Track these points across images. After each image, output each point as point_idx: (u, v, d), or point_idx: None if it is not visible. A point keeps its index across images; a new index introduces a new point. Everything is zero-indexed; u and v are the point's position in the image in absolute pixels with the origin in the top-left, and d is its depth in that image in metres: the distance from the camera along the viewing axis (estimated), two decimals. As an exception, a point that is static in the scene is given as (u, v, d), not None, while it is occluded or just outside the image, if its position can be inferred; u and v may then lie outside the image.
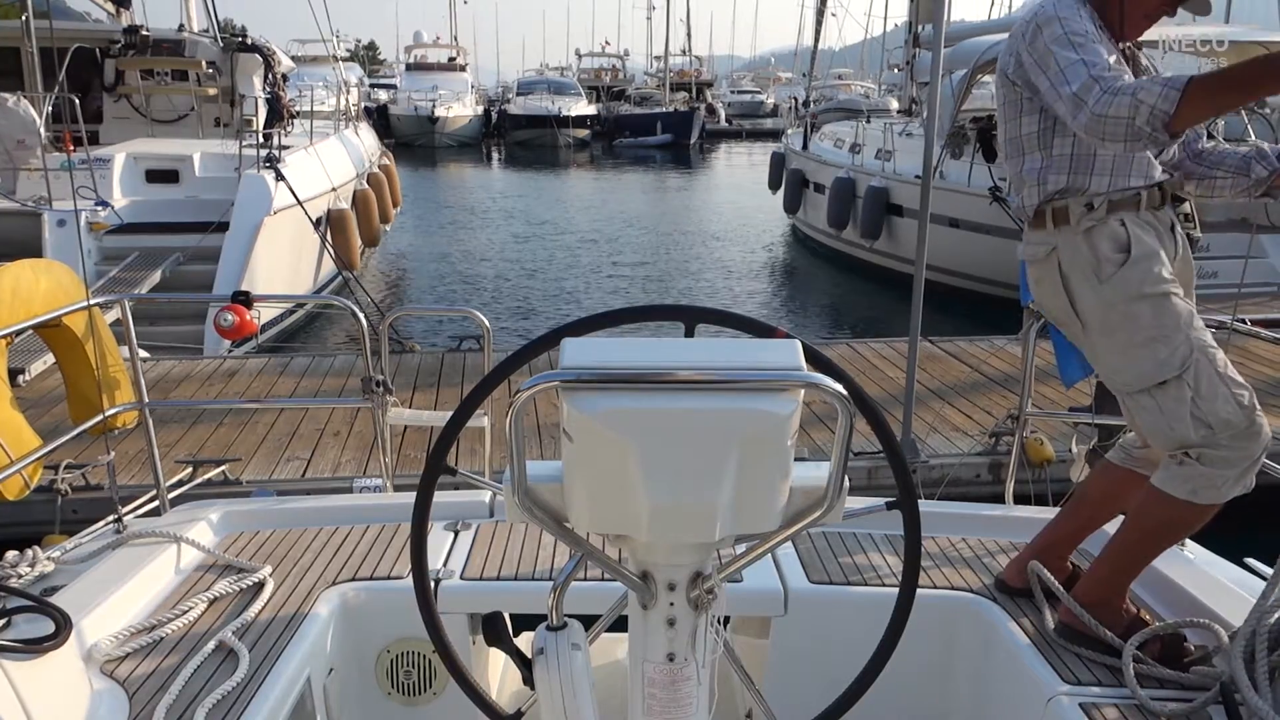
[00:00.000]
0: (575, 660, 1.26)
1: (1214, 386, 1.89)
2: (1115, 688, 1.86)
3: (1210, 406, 1.88)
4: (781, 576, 2.32)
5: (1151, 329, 1.92)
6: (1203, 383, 1.89)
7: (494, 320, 11.27)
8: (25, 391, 6.22)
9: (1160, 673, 1.90)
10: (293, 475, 5.10)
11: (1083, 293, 1.99)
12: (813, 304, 13.23)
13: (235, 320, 6.03)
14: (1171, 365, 1.91)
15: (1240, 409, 1.89)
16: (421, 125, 37.42)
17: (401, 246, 16.42)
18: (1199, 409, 1.89)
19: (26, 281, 3.99)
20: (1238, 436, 1.90)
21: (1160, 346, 1.91)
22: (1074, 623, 2.05)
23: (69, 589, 2.16)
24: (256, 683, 1.93)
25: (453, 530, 2.55)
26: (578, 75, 55.84)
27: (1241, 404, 1.89)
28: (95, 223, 8.75)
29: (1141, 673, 1.88)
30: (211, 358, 7.34)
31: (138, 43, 12.24)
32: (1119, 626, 2.02)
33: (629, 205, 23.09)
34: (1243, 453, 1.91)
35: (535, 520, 1.22)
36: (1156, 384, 1.92)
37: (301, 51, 27.76)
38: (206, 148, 10.42)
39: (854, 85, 37.13)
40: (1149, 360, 1.92)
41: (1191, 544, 2.47)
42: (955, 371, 6.82)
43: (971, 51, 11.02)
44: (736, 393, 1.10)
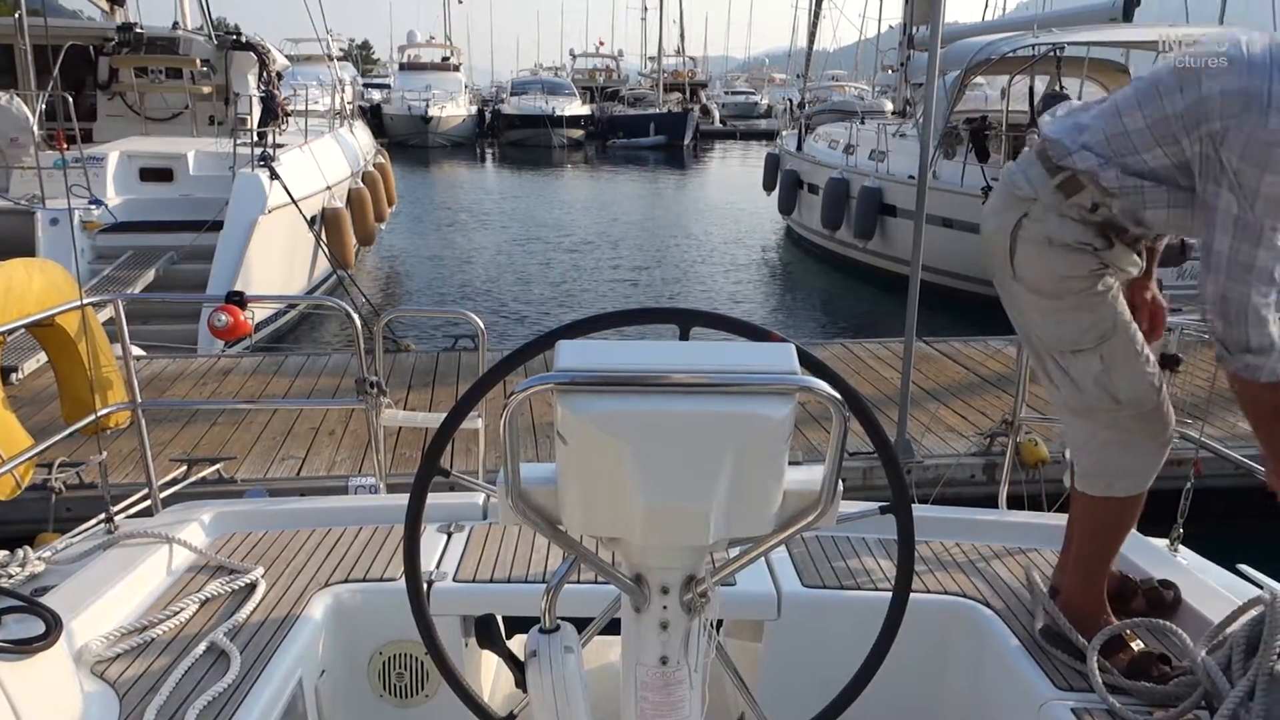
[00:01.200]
0: (568, 663, 1.25)
1: (1129, 363, 1.93)
2: (1109, 692, 1.86)
3: (1121, 381, 1.93)
4: (775, 580, 2.31)
5: (1080, 298, 1.94)
6: (1117, 357, 1.93)
7: (489, 321, 11.29)
8: (18, 390, 6.20)
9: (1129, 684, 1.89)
10: (288, 474, 5.09)
11: (1027, 249, 1.97)
12: (807, 304, 13.26)
13: (229, 321, 6.02)
14: (1091, 336, 1.94)
15: (1150, 389, 1.94)
16: (415, 125, 37.36)
17: (396, 246, 16.40)
18: (1110, 381, 1.93)
19: (19, 280, 3.97)
20: (1142, 416, 1.95)
21: (1085, 316, 1.94)
22: (1052, 625, 2.08)
23: (59, 589, 2.14)
24: (248, 684, 1.92)
25: (446, 532, 2.54)
26: (572, 75, 55.81)
27: (1152, 384, 1.95)
28: (89, 221, 8.72)
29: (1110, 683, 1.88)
30: (206, 356, 7.32)
31: (132, 40, 12.21)
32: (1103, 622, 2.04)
33: (623, 206, 23.09)
34: (1147, 434, 1.96)
35: (529, 522, 1.21)
36: (1071, 350, 1.96)
37: (295, 51, 27.66)
38: (201, 146, 10.39)
39: (848, 86, 37.23)
40: (1071, 327, 1.95)
41: (1184, 549, 2.49)
42: (950, 372, 6.84)
43: (965, 53, 11.07)
44: (731, 396, 1.10)
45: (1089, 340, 1.95)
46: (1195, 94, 1.70)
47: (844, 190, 13.78)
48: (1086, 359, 1.95)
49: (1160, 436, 1.97)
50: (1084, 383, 1.96)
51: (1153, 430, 1.96)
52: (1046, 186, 1.91)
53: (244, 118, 11.19)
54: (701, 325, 1.29)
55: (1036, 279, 1.97)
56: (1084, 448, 2.02)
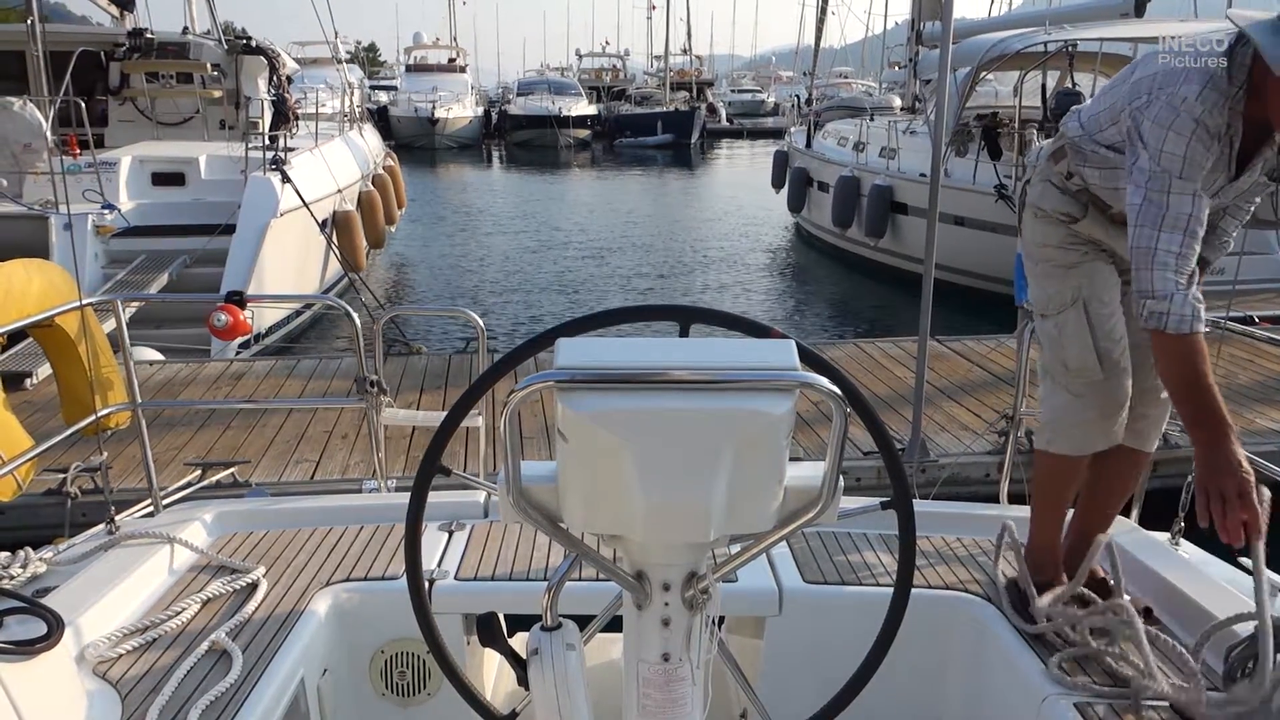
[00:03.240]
0: (570, 661, 1.25)
1: (1079, 336, 2.13)
2: (1109, 688, 1.86)
3: (1070, 350, 2.14)
4: (776, 576, 2.32)
5: (1049, 267, 2.20)
6: (1069, 328, 2.15)
7: (495, 320, 11.34)
8: (32, 395, 6.23)
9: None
10: (301, 478, 5.10)
11: (1025, 215, 2.28)
12: (817, 303, 13.23)
13: (229, 320, 6.02)
14: (1054, 303, 2.18)
15: (1099, 363, 2.12)
16: (421, 127, 37.41)
17: (405, 248, 16.43)
18: (1061, 347, 2.16)
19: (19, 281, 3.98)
20: (1090, 385, 2.13)
21: (1052, 284, 2.19)
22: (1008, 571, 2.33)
23: (61, 590, 2.15)
24: (250, 684, 1.93)
25: (447, 530, 2.55)
26: (578, 75, 55.81)
27: (1105, 359, 2.12)
28: (102, 226, 8.75)
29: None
30: (219, 360, 7.35)
31: (142, 46, 12.24)
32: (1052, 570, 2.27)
33: (630, 205, 23.08)
34: (1092, 399, 2.14)
35: (530, 520, 1.21)
36: (1040, 313, 2.23)
37: (302, 54, 27.74)
38: (212, 150, 10.42)
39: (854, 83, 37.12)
40: (1040, 292, 2.23)
41: (1186, 543, 2.49)
42: (963, 370, 6.82)
43: (975, 49, 11.03)
44: (731, 392, 1.10)
45: (1052, 307, 2.19)
46: (1133, 77, 1.95)
47: (854, 188, 13.74)
48: (1047, 323, 2.20)
49: (1104, 410, 2.15)
50: (1044, 344, 2.22)
51: (1098, 403, 2.14)
52: (1045, 154, 2.19)
53: (255, 121, 11.22)
54: (701, 322, 1.29)
55: (1027, 243, 2.26)
56: (1043, 402, 2.25)
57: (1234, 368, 6.63)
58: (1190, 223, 1.81)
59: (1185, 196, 1.81)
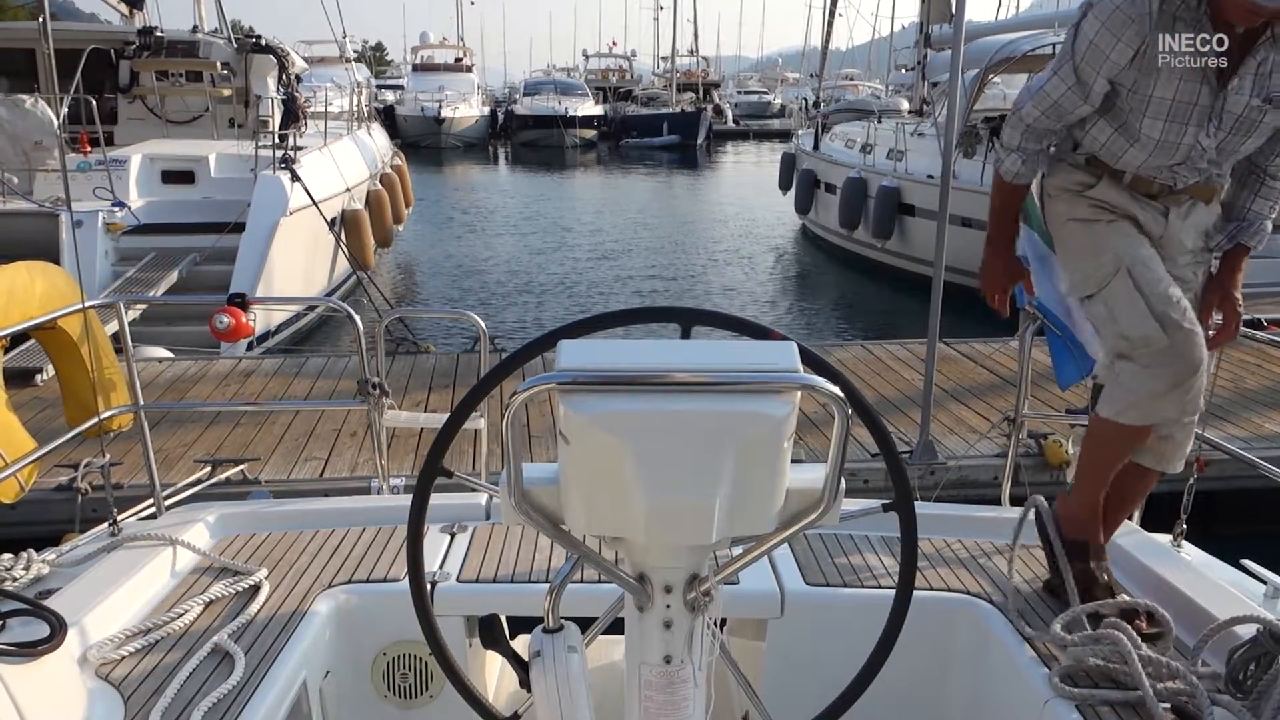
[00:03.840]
0: (571, 663, 1.25)
1: (1132, 304, 2.08)
2: (1112, 689, 1.86)
3: (1128, 322, 2.09)
4: (778, 578, 2.32)
5: (1078, 248, 2.20)
6: (1118, 300, 2.10)
7: (502, 320, 11.36)
8: (42, 390, 6.25)
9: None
10: (311, 475, 5.11)
11: (1044, 203, 2.31)
12: (824, 304, 13.22)
13: (231, 323, 6.03)
14: (1091, 281, 2.15)
15: (1161, 327, 2.06)
16: (428, 126, 37.43)
17: (412, 247, 16.46)
18: (1118, 324, 2.11)
19: (22, 283, 3.99)
20: (1158, 353, 2.07)
21: (1085, 261, 2.17)
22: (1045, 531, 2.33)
23: (64, 592, 2.15)
24: (252, 686, 1.93)
25: (449, 532, 2.54)
26: (584, 76, 55.82)
27: (1165, 322, 2.06)
28: (112, 223, 8.78)
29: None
30: (228, 357, 7.38)
31: (152, 44, 12.28)
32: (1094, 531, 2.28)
33: (636, 206, 23.08)
34: (1162, 369, 2.07)
35: (531, 522, 1.21)
36: (1084, 296, 2.19)
37: (309, 53, 27.82)
38: (222, 148, 10.45)
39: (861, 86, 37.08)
40: (1076, 274, 2.21)
41: (1188, 545, 2.49)
42: (971, 373, 6.82)
43: (983, 51, 11.03)
44: (732, 394, 1.10)
45: (1092, 284, 2.15)
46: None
47: (861, 190, 13.73)
48: (1095, 304, 2.16)
49: (1177, 378, 2.07)
50: (1100, 327, 2.17)
51: (1170, 372, 2.07)
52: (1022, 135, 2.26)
53: (265, 120, 11.25)
54: (703, 324, 1.29)
55: (1054, 228, 2.27)
56: (1105, 374, 2.20)
57: (1242, 371, 6.62)
58: (1051, 106, 2.11)
59: (1063, 84, 2.08)
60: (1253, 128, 2.05)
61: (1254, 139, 2.08)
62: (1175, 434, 2.21)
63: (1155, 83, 2.01)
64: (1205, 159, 2.09)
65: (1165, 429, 2.19)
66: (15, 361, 6.51)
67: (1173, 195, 2.15)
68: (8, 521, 4.58)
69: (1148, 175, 2.14)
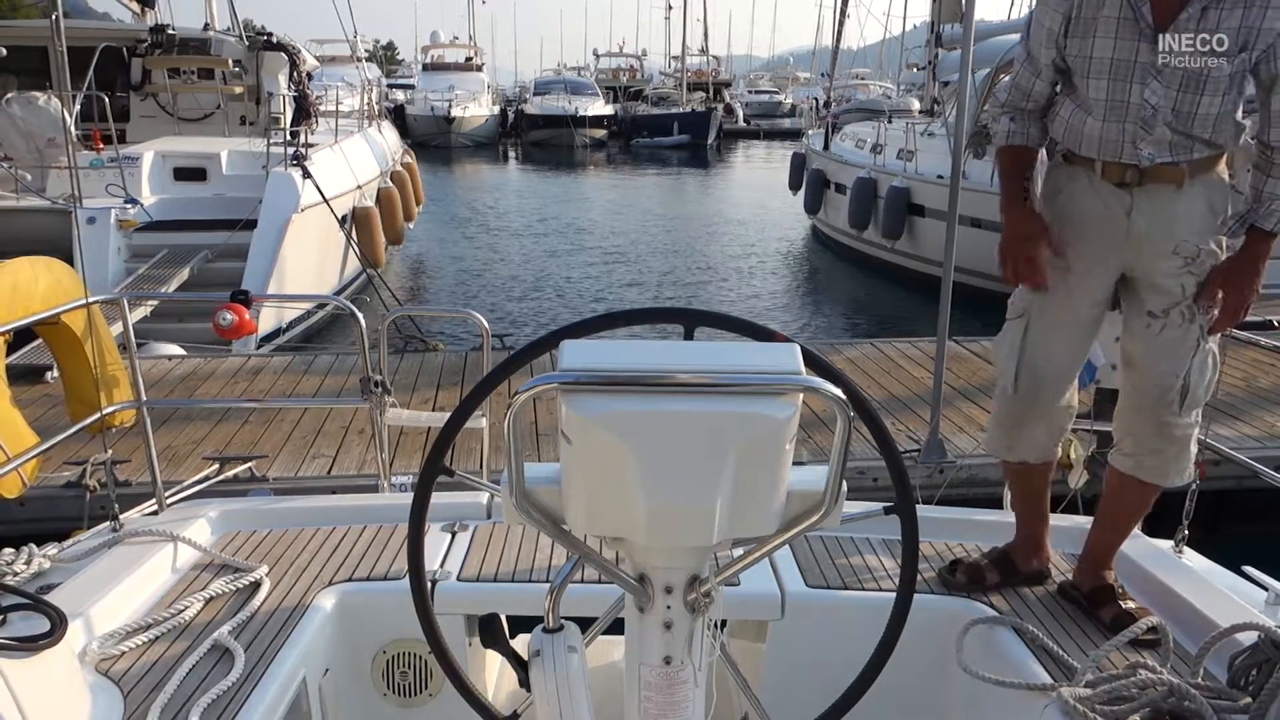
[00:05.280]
0: (571, 663, 1.25)
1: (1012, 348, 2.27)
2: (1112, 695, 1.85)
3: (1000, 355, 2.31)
4: (779, 580, 2.32)
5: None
6: (1008, 337, 2.29)
7: (510, 320, 11.38)
8: (53, 388, 6.28)
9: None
10: (318, 472, 5.12)
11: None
12: (834, 304, 13.20)
13: (234, 319, 6.03)
14: (1013, 307, 2.31)
15: (1014, 377, 2.25)
16: (438, 125, 37.46)
17: (423, 245, 16.50)
18: (997, 350, 2.33)
19: (26, 279, 4.00)
20: (1001, 393, 2.30)
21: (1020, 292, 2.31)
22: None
23: (65, 587, 2.15)
24: (252, 683, 1.93)
25: (450, 531, 2.55)
26: (595, 75, 55.79)
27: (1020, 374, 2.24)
28: (124, 220, 8.83)
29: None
30: (237, 355, 7.41)
31: (164, 42, 12.36)
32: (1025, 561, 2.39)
33: (646, 206, 23.08)
34: (999, 410, 2.33)
35: (532, 522, 1.21)
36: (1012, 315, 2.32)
37: (320, 51, 27.92)
38: (233, 146, 10.50)
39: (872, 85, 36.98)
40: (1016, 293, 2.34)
41: (1190, 551, 2.48)
42: (981, 372, 6.80)
43: (994, 51, 10.99)
44: (735, 396, 1.10)
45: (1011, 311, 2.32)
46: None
47: (871, 190, 13.70)
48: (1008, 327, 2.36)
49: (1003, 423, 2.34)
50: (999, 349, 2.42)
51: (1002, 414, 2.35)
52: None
53: (277, 117, 11.30)
54: (705, 325, 1.29)
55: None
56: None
57: (1255, 371, 6.58)
58: (1014, 84, 2.25)
59: (1019, 62, 2.22)
60: (1203, 82, 1.97)
61: (1211, 96, 1.98)
62: (1164, 448, 2.18)
63: (1093, 43, 2.03)
64: (1162, 120, 2.01)
65: (1155, 443, 2.17)
66: (25, 359, 6.55)
67: (1142, 182, 2.08)
68: (15, 519, 4.61)
69: (1112, 156, 2.08)
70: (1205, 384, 2.15)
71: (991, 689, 1.99)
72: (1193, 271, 2.10)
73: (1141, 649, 2.03)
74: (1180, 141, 2.04)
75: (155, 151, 10.01)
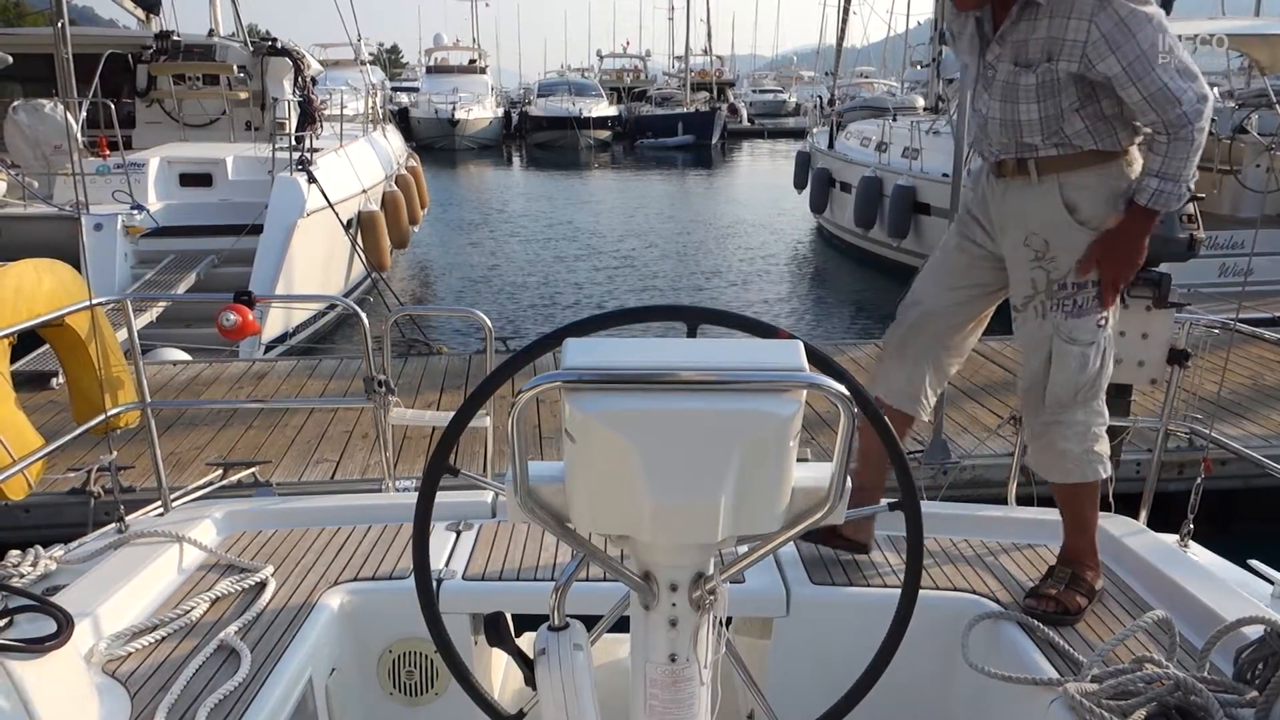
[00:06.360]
0: (577, 660, 1.25)
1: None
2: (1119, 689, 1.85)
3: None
4: (783, 577, 2.32)
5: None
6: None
7: (515, 319, 11.39)
8: (58, 394, 6.30)
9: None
10: (322, 477, 5.13)
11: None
12: (839, 303, 13.18)
13: (238, 320, 6.05)
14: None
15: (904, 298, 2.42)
16: (442, 128, 37.49)
17: (428, 249, 16.53)
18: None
19: (29, 281, 4.00)
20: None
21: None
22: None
23: (71, 588, 2.16)
24: (258, 682, 1.93)
25: (455, 530, 2.55)
26: (599, 76, 55.85)
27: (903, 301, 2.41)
28: (131, 226, 8.87)
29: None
30: (243, 360, 7.43)
31: (169, 48, 12.41)
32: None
33: (651, 206, 23.08)
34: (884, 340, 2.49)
35: (537, 520, 1.21)
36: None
37: (324, 56, 27.99)
38: (239, 151, 10.54)
39: (876, 83, 36.92)
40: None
41: (1195, 545, 2.47)
42: (986, 371, 6.78)
43: (999, 49, 10.93)
44: (738, 393, 1.09)
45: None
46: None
47: (877, 189, 13.67)
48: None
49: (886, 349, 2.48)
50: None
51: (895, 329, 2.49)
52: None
53: (282, 122, 11.34)
54: (709, 322, 1.28)
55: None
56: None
57: (1261, 369, 6.55)
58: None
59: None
60: (1015, 93, 2.11)
61: (1026, 103, 2.10)
62: (1034, 441, 2.26)
63: (963, 55, 2.29)
64: (994, 127, 2.18)
65: (1029, 436, 2.26)
66: (32, 365, 6.58)
67: (1001, 174, 2.24)
68: (21, 525, 4.64)
69: (985, 151, 2.27)
70: (1071, 383, 2.18)
71: (997, 684, 1.99)
72: (1044, 267, 2.17)
73: (1147, 643, 2.03)
74: (1025, 142, 2.15)
75: (161, 157, 10.05)
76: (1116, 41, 1.97)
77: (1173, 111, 1.99)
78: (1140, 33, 1.96)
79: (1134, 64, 1.97)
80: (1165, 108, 1.99)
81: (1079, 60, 2.02)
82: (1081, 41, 1.99)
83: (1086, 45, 1.99)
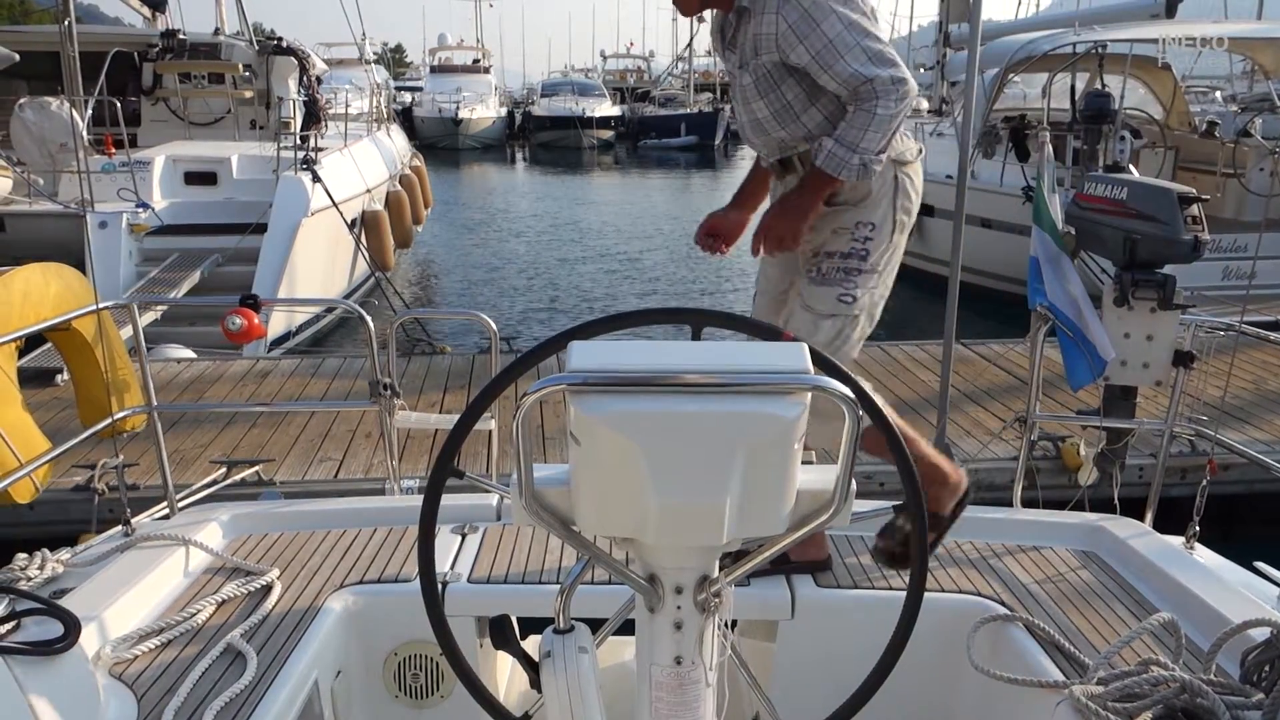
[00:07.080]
0: (582, 663, 1.26)
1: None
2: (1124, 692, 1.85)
3: None
4: (789, 580, 2.31)
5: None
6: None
7: (519, 321, 11.38)
8: (63, 391, 6.32)
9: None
10: (325, 476, 5.13)
11: None
12: (841, 305, 13.13)
13: (243, 324, 6.06)
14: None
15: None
16: (445, 127, 37.46)
17: (431, 248, 16.53)
18: None
19: (37, 285, 4.02)
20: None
21: None
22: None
23: (78, 591, 2.17)
24: (264, 685, 1.94)
25: (460, 533, 2.56)
26: (602, 77, 55.80)
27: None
28: (136, 224, 8.88)
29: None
30: (246, 358, 7.44)
31: (175, 46, 12.42)
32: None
33: (654, 207, 23.06)
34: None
35: (542, 523, 1.21)
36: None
37: (329, 55, 27.99)
38: (243, 150, 10.54)
39: (881, 85, 36.72)
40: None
41: (1200, 547, 2.47)
42: (989, 374, 6.78)
43: (1003, 50, 10.93)
44: (743, 396, 1.10)
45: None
46: None
47: (879, 190, 13.62)
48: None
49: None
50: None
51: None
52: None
53: (286, 121, 11.35)
54: (713, 325, 1.29)
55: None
56: None
57: (1265, 373, 6.55)
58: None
59: None
60: (746, 94, 2.22)
61: (756, 102, 2.22)
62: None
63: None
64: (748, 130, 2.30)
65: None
66: (36, 362, 6.59)
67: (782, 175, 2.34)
68: (25, 522, 4.65)
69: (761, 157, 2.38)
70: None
71: (1003, 687, 1.99)
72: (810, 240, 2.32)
73: (1153, 646, 2.03)
74: (776, 140, 2.27)
75: (166, 156, 10.06)
76: (803, 32, 2.07)
77: (863, 89, 2.09)
78: (825, 23, 2.06)
79: (821, 53, 2.08)
80: (857, 89, 2.10)
81: (776, 51, 2.13)
82: (774, 34, 2.10)
83: (778, 37, 2.10)
